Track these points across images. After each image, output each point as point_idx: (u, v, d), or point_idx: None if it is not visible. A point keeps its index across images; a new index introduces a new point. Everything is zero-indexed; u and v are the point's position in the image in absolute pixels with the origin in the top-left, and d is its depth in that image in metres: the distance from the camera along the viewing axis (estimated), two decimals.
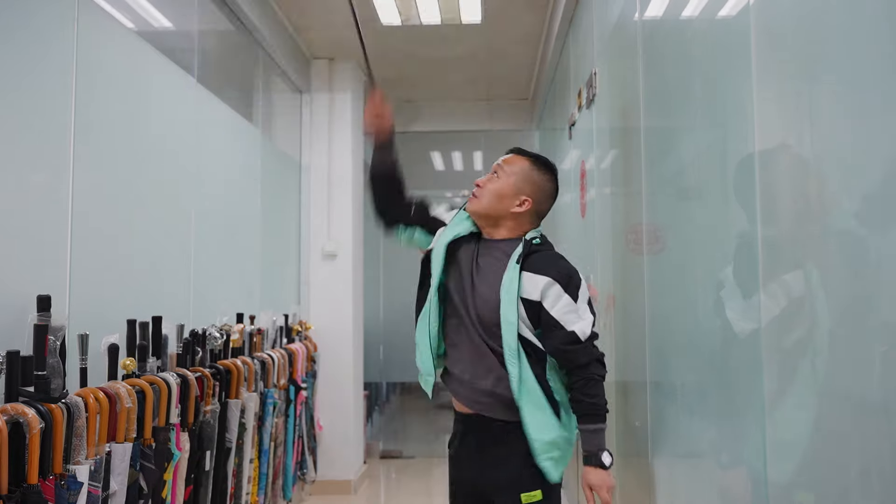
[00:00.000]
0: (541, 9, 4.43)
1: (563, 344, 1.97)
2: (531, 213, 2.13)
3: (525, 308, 2.00)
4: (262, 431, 3.42)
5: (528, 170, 2.14)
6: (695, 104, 1.83)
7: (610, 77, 2.85)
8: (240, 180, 3.92)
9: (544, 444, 2.00)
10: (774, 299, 1.32)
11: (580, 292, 2.02)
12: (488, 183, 2.14)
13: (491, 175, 2.16)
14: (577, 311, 1.99)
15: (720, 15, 1.61)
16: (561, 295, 1.99)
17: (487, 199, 2.12)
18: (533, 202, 2.12)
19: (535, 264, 2.03)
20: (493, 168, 2.18)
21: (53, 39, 2.18)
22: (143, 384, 2.25)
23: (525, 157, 2.17)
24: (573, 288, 2.00)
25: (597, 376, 1.99)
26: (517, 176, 2.12)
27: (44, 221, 2.12)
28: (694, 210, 1.87)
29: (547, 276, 1.99)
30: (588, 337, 1.98)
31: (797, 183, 1.28)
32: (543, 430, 2.00)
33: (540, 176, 2.15)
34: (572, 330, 1.97)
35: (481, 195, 2.13)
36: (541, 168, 2.16)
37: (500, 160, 2.19)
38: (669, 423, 2.07)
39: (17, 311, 1.94)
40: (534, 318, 2.01)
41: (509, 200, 2.11)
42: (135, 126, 2.68)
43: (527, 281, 2.00)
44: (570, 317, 1.98)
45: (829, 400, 1.17)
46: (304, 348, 4.27)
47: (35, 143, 2.09)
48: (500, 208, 2.11)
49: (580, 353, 1.97)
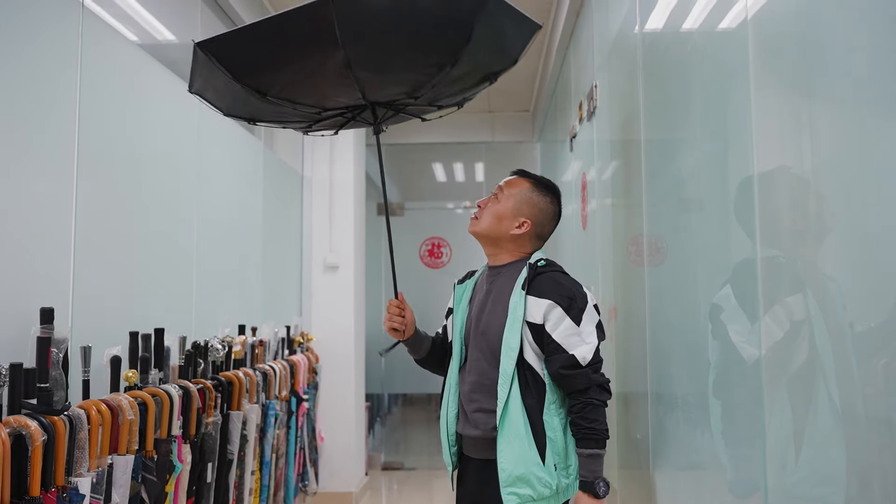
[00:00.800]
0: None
1: (563, 368, 1.92)
2: (531, 235, 2.12)
3: (531, 333, 1.97)
4: (264, 443, 3.42)
5: (528, 192, 2.13)
6: (694, 117, 1.84)
7: (610, 90, 2.87)
8: (242, 192, 3.93)
9: (511, 477, 1.92)
10: (777, 320, 1.32)
11: (585, 315, 1.96)
12: (488, 205, 2.15)
13: (491, 196, 2.16)
14: (581, 334, 1.94)
15: (719, 28, 1.62)
16: (563, 318, 1.94)
17: (487, 221, 2.13)
18: (533, 224, 2.11)
19: (538, 287, 2.00)
20: (495, 190, 2.18)
21: (58, 53, 2.20)
22: (145, 396, 2.25)
23: (526, 179, 2.16)
24: (576, 311, 1.95)
25: (596, 401, 1.91)
26: (516, 198, 2.12)
27: (47, 234, 2.13)
28: (694, 222, 1.87)
29: (549, 300, 1.96)
30: (589, 362, 1.92)
31: (797, 200, 1.29)
32: (516, 461, 1.92)
33: (540, 198, 2.13)
34: (573, 353, 1.92)
35: (481, 217, 2.15)
36: (541, 190, 2.15)
37: (501, 182, 2.19)
38: (670, 435, 2.07)
39: (21, 324, 1.95)
40: (540, 343, 1.98)
41: (508, 222, 2.10)
42: (137, 138, 2.69)
43: (531, 304, 1.98)
44: (572, 339, 1.93)
45: (830, 412, 1.17)
46: (305, 360, 4.27)
47: (39, 156, 2.11)
48: (499, 230, 2.11)
49: (579, 377, 1.91)
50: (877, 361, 1.02)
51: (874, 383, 1.03)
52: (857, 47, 1.09)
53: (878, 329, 1.02)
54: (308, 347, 4.65)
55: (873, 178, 1.04)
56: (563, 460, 1.94)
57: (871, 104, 1.05)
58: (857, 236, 1.09)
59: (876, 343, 1.02)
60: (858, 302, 1.09)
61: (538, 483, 1.91)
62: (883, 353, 1.00)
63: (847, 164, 1.12)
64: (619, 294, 2.73)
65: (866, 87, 1.06)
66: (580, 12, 3.66)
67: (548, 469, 1.92)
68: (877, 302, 1.03)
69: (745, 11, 1.44)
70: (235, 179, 3.83)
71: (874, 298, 1.04)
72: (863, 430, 1.07)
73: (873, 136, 1.04)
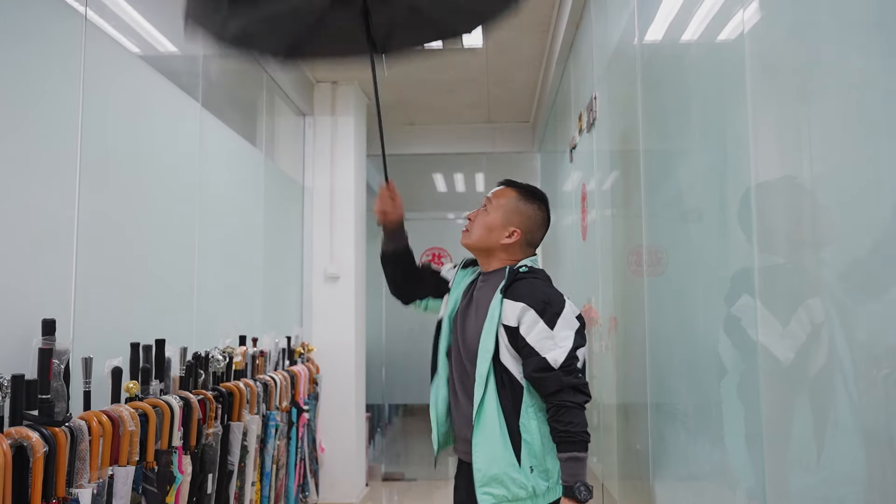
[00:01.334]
0: (542, 34, 4.48)
1: (535, 371, 1.93)
2: (521, 243, 2.15)
3: (507, 335, 1.99)
4: (265, 454, 3.42)
5: (516, 201, 2.16)
6: (693, 128, 1.85)
7: (610, 101, 2.88)
8: (243, 203, 3.94)
9: (485, 477, 1.94)
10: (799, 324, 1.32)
11: (560, 319, 1.96)
12: (478, 216, 2.19)
13: (481, 209, 2.20)
14: (554, 338, 1.94)
15: (716, 41, 1.64)
16: (536, 321, 1.95)
17: (477, 232, 2.17)
18: (522, 232, 2.14)
19: (515, 291, 2.02)
20: (483, 201, 2.21)
21: (61, 65, 2.22)
22: (145, 407, 2.26)
23: (512, 189, 2.20)
24: (550, 315, 1.96)
25: (569, 403, 1.90)
26: (504, 208, 2.15)
27: (49, 245, 2.14)
28: (693, 232, 1.88)
29: (522, 302, 1.98)
30: (561, 364, 1.91)
31: (794, 211, 1.30)
32: (489, 461, 1.94)
33: (528, 206, 2.17)
34: (544, 356, 1.92)
35: (472, 229, 2.19)
36: (529, 198, 2.18)
37: (490, 193, 2.23)
38: (670, 446, 2.07)
39: (23, 335, 1.95)
40: (516, 346, 1.99)
41: (498, 232, 2.14)
42: (140, 151, 2.71)
43: (507, 307, 2.00)
44: (545, 343, 1.94)
45: (829, 423, 1.18)
46: (306, 370, 4.27)
47: (42, 167, 2.12)
48: (490, 241, 2.15)
49: (550, 380, 1.91)
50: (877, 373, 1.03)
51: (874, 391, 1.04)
52: (853, 60, 1.10)
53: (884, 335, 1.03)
54: (309, 358, 4.65)
55: (870, 188, 1.05)
56: (541, 463, 1.94)
57: (867, 116, 1.06)
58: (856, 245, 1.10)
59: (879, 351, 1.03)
60: (865, 308, 1.09)
61: (512, 484, 1.92)
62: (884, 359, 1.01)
63: (844, 174, 1.13)
64: (620, 304, 2.74)
65: (862, 99, 1.07)
66: (580, 24, 3.68)
67: (523, 471, 1.93)
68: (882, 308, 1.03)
69: (742, 25, 1.46)
70: (236, 190, 3.84)
71: (878, 304, 1.04)
72: (863, 438, 1.07)
73: (869, 148, 1.05)
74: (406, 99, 5.69)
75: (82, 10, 2.32)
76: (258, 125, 4.44)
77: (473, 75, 5.22)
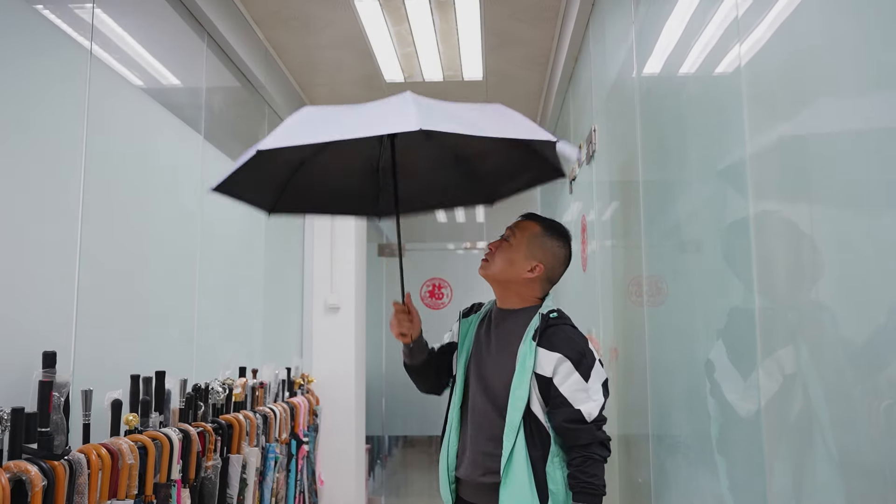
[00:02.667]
0: (541, 66, 4.53)
1: (568, 421, 1.92)
2: (542, 278, 2.12)
3: (539, 385, 1.97)
4: (264, 487, 3.39)
5: (541, 236, 2.13)
6: (691, 160, 1.87)
7: (609, 133, 2.90)
8: (244, 234, 3.95)
9: None
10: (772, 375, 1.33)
11: (593, 372, 1.96)
12: (500, 248, 2.14)
13: (502, 240, 2.16)
14: (588, 390, 1.94)
15: (714, 74, 1.65)
16: (572, 372, 1.94)
17: (499, 264, 2.12)
18: (545, 268, 2.11)
19: (550, 340, 1.99)
20: (506, 232, 2.17)
21: (66, 98, 2.24)
22: (145, 440, 2.24)
23: (537, 223, 2.16)
24: (585, 367, 1.95)
25: (597, 456, 1.91)
26: (528, 242, 2.11)
27: (51, 277, 2.15)
28: (692, 263, 1.89)
29: (560, 353, 1.96)
30: (594, 419, 1.92)
31: (793, 247, 1.30)
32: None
33: (552, 242, 2.14)
34: (579, 409, 1.91)
35: (493, 260, 2.14)
36: (553, 235, 2.15)
37: (512, 224, 2.19)
38: (672, 479, 2.05)
39: (23, 368, 1.95)
40: (546, 395, 1.97)
41: (521, 266, 2.10)
42: (142, 183, 2.72)
43: (542, 356, 1.97)
44: (579, 395, 1.93)
45: (831, 459, 1.17)
46: (306, 402, 4.25)
47: (44, 200, 2.13)
48: (511, 273, 2.11)
49: (583, 432, 1.92)
50: (879, 404, 1.03)
51: (871, 430, 1.04)
52: (849, 93, 1.11)
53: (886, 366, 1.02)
54: (308, 389, 4.63)
55: (867, 222, 1.06)
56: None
57: (864, 148, 1.07)
58: (853, 282, 1.11)
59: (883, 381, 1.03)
60: (853, 345, 1.10)
61: None
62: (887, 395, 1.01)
63: (841, 207, 1.13)
64: (620, 335, 2.73)
65: (858, 132, 1.08)
66: (579, 57, 3.72)
67: None
68: (872, 346, 1.04)
69: (739, 59, 1.48)
70: (238, 221, 3.85)
71: (869, 342, 1.04)
72: (884, 462, 1.07)
73: (866, 180, 1.06)
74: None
75: (87, 45, 2.35)
76: None
77: None
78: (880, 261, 1.02)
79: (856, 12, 1.09)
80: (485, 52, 4.29)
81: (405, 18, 3.83)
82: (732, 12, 1.51)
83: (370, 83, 4.78)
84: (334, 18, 3.88)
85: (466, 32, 4.01)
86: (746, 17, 1.44)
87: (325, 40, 4.15)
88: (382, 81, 4.70)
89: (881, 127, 1.02)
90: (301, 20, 3.91)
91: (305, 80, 4.75)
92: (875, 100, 1.04)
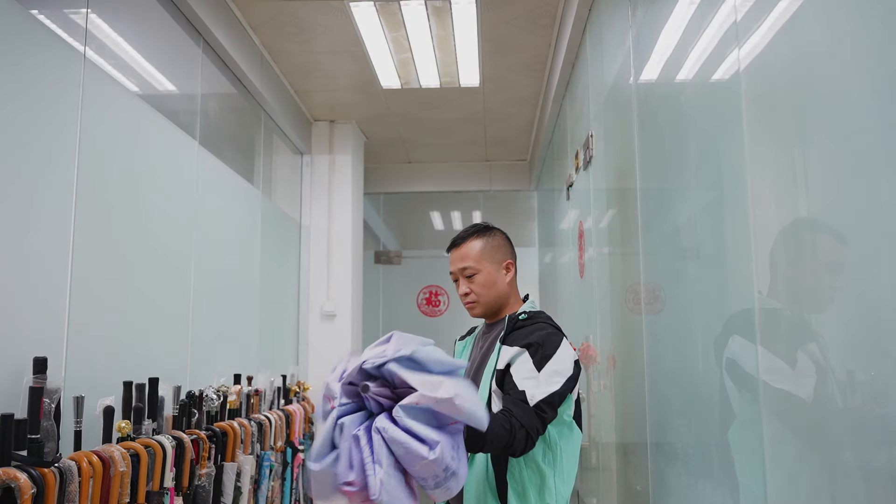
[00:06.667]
0: (538, 73, 4.52)
1: (512, 402, 1.86)
2: (515, 269, 2.18)
3: (496, 379, 1.97)
4: (258, 495, 3.36)
5: (483, 244, 2.14)
6: (689, 166, 1.85)
7: (606, 139, 2.89)
8: (240, 240, 3.93)
9: None
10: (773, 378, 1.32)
11: (549, 364, 1.91)
12: (472, 283, 2.13)
13: (463, 280, 2.14)
14: (537, 378, 1.89)
15: (712, 80, 1.64)
16: (526, 361, 1.92)
17: (485, 295, 2.12)
18: (512, 260, 2.17)
19: (513, 338, 2.00)
20: (456, 274, 2.16)
21: (59, 104, 2.22)
22: (137, 447, 2.22)
23: (470, 239, 2.16)
24: (540, 357, 1.92)
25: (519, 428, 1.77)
26: (484, 257, 2.13)
27: (43, 283, 2.13)
28: (691, 270, 1.87)
29: (517, 346, 1.96)
30: (536, 403, 1.84)
31: (793, 249, 1.29)
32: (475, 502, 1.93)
33: (492, 241, 2.16)
34: (523, 389, 1.86)
35: (477, 298, 2.13)
36: (486, 233, 2.17)
37: (457, 264, 2.15)
38: (671, 487, 2.03)
39: (14, 374, 1.93)
40: (501, 386, 1.96)
41: (499, 278, 2.13)
42: (136, 189, 2.70)
43: (503, 353, 1.98)
44: (528, 383, 1.88)
45: (830, 463, 1.16)
46: (301, 409, 4.22)
47: (37, 206, 2.11)
48: (499, 290, 2.13)
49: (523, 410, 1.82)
50: (880, 411, 1.01)
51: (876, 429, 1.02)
52: (849, 97, 1.10)
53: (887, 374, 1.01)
54: (304, 397, 4.60)
55: (867, 227, 1.05)
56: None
57: (864, 152, 1.06)
58: (854, 285, 1.09)
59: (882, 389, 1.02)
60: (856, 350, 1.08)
61: None
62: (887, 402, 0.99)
63: (840, 213, 1.12)
64: (618, 342, 2.72)
65: (859, 136, 1.07)
66: (576, 63, 3.72)
67: None
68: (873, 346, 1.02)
69: (738, 63, 1.46)
70: (233, 227, 3.84)
71: (870, 343, 1.03)
72: (884, 469, 1.05)
73: (867, 184, 1.05)
74: (404, 137, 5.72)
75: (81, 49, 2.34)
76: (256, 163, 4.46)
77: (471, 114, 5.25)
78: (881, 263, 1.00)
79: (855, 17, 1.08)
80: (481, 58, 4.28)
81: (402, 24, 3.83)
82: (731, 16, 1.50)
83: (367, 89, 4.77)
84: (331, 24, 3.88)
85: (463, 38, 4.01)
86: (745, 21, 1.43)
87: (322, 46, 4.15)
88: (379, 87, 4.70)
89: (879, 131, 1.00)
90: (297, 26, 3.90)
91: (301, 86, 4.74)
92: (873, 104, 1.03)
